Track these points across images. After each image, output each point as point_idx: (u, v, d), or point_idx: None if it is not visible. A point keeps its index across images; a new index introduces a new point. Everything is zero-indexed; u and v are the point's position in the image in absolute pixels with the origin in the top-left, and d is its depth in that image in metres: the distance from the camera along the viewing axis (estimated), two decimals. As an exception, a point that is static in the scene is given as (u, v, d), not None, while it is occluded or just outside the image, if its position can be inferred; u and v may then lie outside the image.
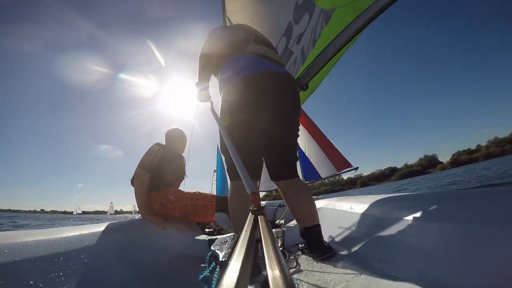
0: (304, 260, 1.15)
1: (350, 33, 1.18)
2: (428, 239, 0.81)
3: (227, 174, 1.25)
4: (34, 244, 0.84)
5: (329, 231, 1.37)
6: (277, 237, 1.44)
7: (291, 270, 1.02)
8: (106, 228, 1.19)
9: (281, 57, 2.09)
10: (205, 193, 1.92)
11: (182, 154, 2.21)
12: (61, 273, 0.82)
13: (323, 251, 1.12)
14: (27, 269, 0.76)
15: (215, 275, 0.47)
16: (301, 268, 1.05)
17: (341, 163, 5.17)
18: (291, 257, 1.21)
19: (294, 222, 1.90)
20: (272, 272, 0.23)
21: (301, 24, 1.74)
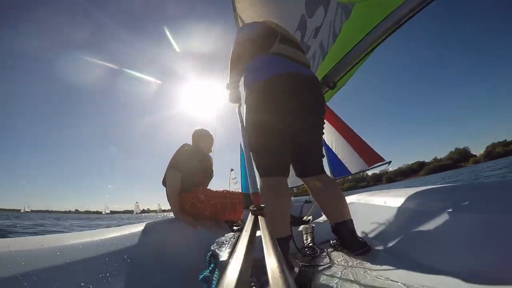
0: (337, 256, 1.13)
1: (382, 31, 1.13)
2: (466, 231, 0.79)
3: (256, 171, 1.26)
4: (82, 246, 0.88)
5: (362, 226, 1.35)
6: (306, 233, 1.43)
7: (323, 266, 1.01)
8: (144, 228, 1.22)
9: None
10: (232, 191, 1.95)
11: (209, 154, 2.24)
12: (107, 274, 0.86)
13: (357, 247, 1.10)
14: (77, 271, 0.80)
15: (215, 275, 0.48)
16: (334, 264, 1.04)
17: (372, 157, 5.02)
18: (323, 253, 1.19)
19: (322, 218, 1.88)
20: (272, 272, 0.23)
21: (316, 18, 1.71)
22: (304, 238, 1.41)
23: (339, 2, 1.44)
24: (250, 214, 0.55)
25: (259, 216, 0.51)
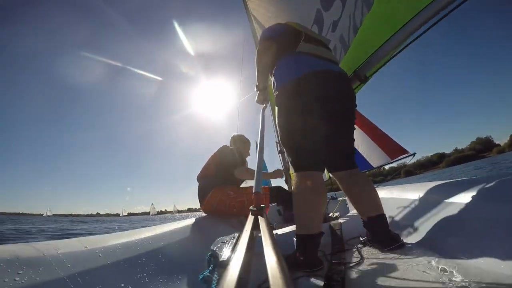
0: (369, 252, 1.11)
1: (419, 24, 1.09)
2: (499, 222, 0.78)
3: (291, 167, 1.28)
4: (121, 246, 0.91)
5: (394, 221, 1.32)
6: (336, 230, 1.41)
7: (355, 263, 0.98)
8: (177, 227, 1.26)
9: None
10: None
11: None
12: (144, 274, 0.88)
13: (391, 241, 1.07)
14: (118, 271, 0.82)
15: (215, 275, 0.48)
16: (366, 260, 1.01)
17: (395, 150, 4.88)
18: (353, 250, 1.17)
19: (349, 214, 1.86)
20: (272, 272, 0.23)
21: (333, 11, 1.68)
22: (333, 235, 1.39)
23: None
24: (250, 214, 0.56)
25: (259, 216, 0.52)
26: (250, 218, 0.51)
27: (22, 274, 0.60)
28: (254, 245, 0.43)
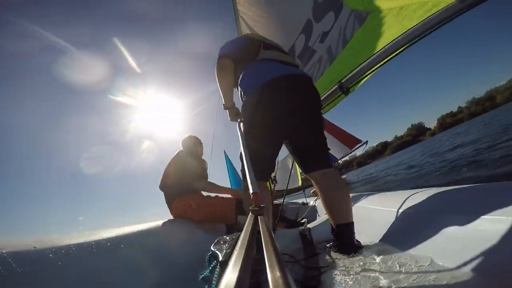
0: (336, 257, 1.13)
1: (404, 42, 1.15)
2: (453, 232, 0.83)
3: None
4: (76, 247, 0.84)
5: (360, 228, 1.37)
6: (305, 235, 1.43)
7: (330, 268, 1.00)
8: (139, 229, 1.20)
9: (301, 55, 2.08)
10: (225, 197, 2.00)
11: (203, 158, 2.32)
12: (101, 275, 0.83)
13: (354, 250, 1.11)
14: (71, 272, 0.76)
15: (215, 275, 0.47)
16: (337, 265, 1.03)
17: (350, 141, 5.22)
18: (325, 254, 1.19)
19: (319, 219, 1.89)
20: (272, 272, 0.23)
21: (325, 23, 1.72)
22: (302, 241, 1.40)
23: (353, 9, 1.44)
24: (250, 214, 0.55)
25: (259, 216, 0.51)
26: (250, 218, 0.50)
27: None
28: (254, 245, 0.42)
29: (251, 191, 0.70)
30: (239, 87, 1.36)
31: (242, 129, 1.26)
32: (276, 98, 1.20)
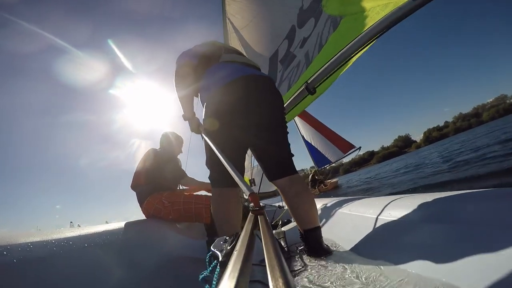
0: (306, 261, 1.15)
1: (364, 41, 1.20)
2: (424, 239, 0.85)
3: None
4: (34, 246, 0.81)
5: (327, 232, 1.38)
6: (279, 238, 1.44)
7: (299, 271, 1.01)
8: (106, 229, 1.18)
9: (283, 60, 2.10)
10: (199, 195, 1.93)
11: (178, 156, 2.24)
12: (59, 275, 0.80)
13: (323, 253, 1.12)
14: (27, 270, 0.73)
15: (215, 275, 0.48)
16: (307, 268, 1.04)
17: (345, 146, 5.45)
18: (297, 257, 1.20)
19: (293, 224, 1.91)
20: (272, 272, 0.23)
21: (306, 29, 1.75)
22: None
23: (330, 15, 1.48)
24: (250, 213, 0.55)
25: (259, 216, 0.51)
26: (250, 218, 0.50)
27: None
28: (254, 244, 0.42)
29: (247, 192, 0.70)
30: (199, 91, 1.34)
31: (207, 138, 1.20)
32: (237, 100, 1.18)
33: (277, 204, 2.97)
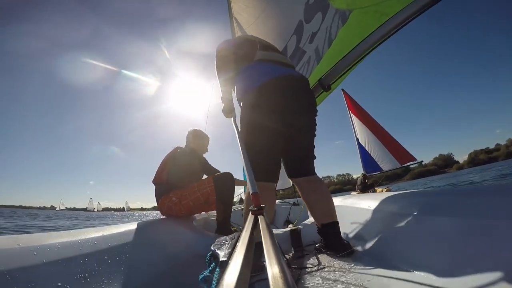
0: (322, 258, 1.14)
1: (379, 37, 1.17)
2: (441, 234, 0.83)
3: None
4: (61, 246, 0.85)
5: (346, 228, 1.37)
6: (294, 235, 1.44)
7: (314, 268, 1.01)
8: (127, 228, 1.21)
9: (292, 56, 2.09)
10: (202, 180, 1.90)
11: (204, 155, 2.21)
12: (86, 274, 0.83)
13: (342, 248, 1.12)
14: (55, 271, 0.77)
15: (215, 275, 0.48)
16: (321, 265, 1.04)
17: (404, 156, 5.19)
18: (310, 255, 1.20)
19: (309, 220, 1.90)
20: (272, 272, 0.24)
21: (314, 23, 1.73)
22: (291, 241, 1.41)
23: (337, 9, 1.46)
24: (250, 214, 0.56)
25: (259, 216, 0.52)
26: (250, 218, 0.51)
27: None
28: (254, 244, 0.43)
29: (250, 191, 0.72)
30: (235, 88, 1.37)
31: (239, 127, 1.26)
32: (272, 100, 1.20)
33: (292, 201, 2.97)
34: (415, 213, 1.00)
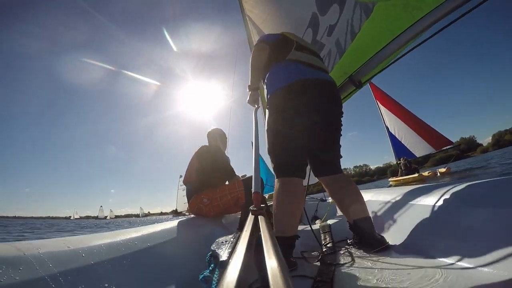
0: (356, 254, 1.12)
1: (415, 33, 1.12)
2: (481, 226, 0.80)
3: (273, 172, 1.28)
4: (106, 247, 0.89)
5: (379, 223, 1.34)
6: (324, 232, 1.43)
7: (346, 265, 1.00)
8: (164, 228, 1.26)
9: None
10: (231, 184, 1.94)
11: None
12: (129, 274, 0.87)
13: (376, 244, 1.10)
14: (102, 272, 0.81)
15: (215, 275, 0.48)
16: (355, 261, 1.02)
17: (439, 141, 5.03)
18: (343, 251, 1.17)
19: (338, 215, 1.87)
20: (272, 272, 0.23)
21: (330, 16, 1.70)
22: (323, 237, 1.40)
23: (357, 1, 1.42)
24: (250, 214, 0.56)
25: (259, 216, 0.52)
26: (250, 218, 0.51)
27: (1, 273, 0.58)
28: (254, 245, 0.43)
29: (253, 190, 0.72)
30: (265, 83, 1.39)
31: (266, 120, 1.30)
32: (297, 101, 1.21)
33: (319, 197, 2.94)
34: (451, 205, 0.98)
